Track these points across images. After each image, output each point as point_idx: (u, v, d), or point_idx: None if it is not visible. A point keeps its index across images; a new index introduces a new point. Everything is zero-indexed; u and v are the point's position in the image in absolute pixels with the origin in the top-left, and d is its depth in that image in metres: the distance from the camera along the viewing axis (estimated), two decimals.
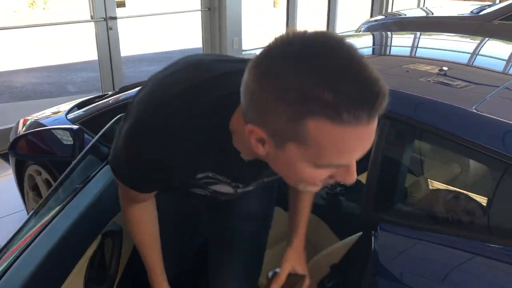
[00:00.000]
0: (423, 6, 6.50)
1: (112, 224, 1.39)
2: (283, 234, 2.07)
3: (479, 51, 2.09)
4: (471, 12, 4.16)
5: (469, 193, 1.22)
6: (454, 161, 1.24)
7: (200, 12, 4.75)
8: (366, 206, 1.21)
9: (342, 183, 0.74)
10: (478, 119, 1.14)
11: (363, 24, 4.97)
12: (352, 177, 0.72)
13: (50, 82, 6.42)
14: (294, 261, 1.14)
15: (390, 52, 2.09)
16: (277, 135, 0.68)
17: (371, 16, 6.76)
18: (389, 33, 2.87)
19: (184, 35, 7.31)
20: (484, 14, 3.96)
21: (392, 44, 2.24)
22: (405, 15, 4.83)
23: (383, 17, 5.08)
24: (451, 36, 2.35)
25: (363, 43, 2.30)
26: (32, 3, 13.33)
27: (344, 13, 8.99)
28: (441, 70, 1.48)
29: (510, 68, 1.75)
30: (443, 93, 1.33)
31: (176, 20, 9.80)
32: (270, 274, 1.14)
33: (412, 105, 1.23)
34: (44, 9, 13.44)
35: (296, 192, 1.17)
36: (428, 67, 1.72)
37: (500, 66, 1.76)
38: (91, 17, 3.88)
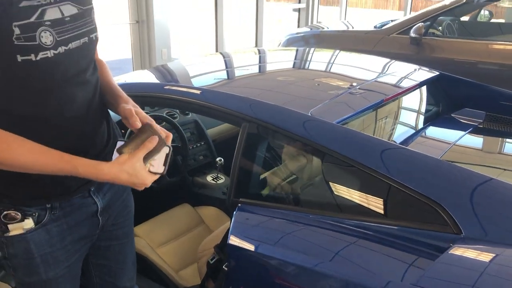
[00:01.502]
0: (344, 19, 7.03)
1: None
2: (191, 227, 2.35)
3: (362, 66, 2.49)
4: (375, 26, 4.64)
5: (307, 179, 1.57)
6: (300, 154, 1.57)
7: (129, 25, 4.96)
8: (230, 193, 1.51)
9: None
10: (309, 121, 1.49)
11: (286, 36, 5.34)
12: None
13: None
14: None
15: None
16: None
17: (298, 27, 7.21)
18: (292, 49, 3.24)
19: (113, 47, 7.43)
20: (384, 29, 4.45)
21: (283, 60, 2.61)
22: (327, 28, 5.25)
23: (307, 29, 5.48)
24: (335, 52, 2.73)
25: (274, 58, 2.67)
26: None
27: (276, 25, 9.42)
28: (318, 83, 1.84)
29: (364, 78, 2.13)
30: (294, 101, 1.68)
31: (104, 33, 9.82)
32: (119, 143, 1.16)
33: (265, 111, 1.56)
34: None
35: (102, 70, 1.31)
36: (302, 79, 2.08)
37: (359, 76, 2.14)
38: None
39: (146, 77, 2.26)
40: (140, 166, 1.10)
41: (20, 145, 1.04)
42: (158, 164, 1.14)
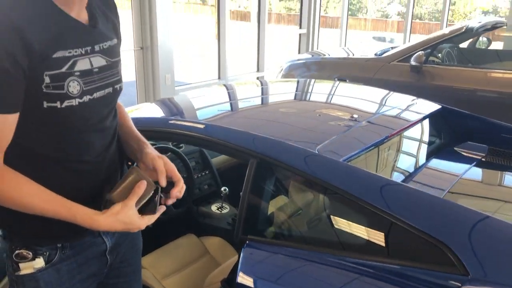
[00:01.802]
0: (345, 46, 7.13)
1: None
2: (196, 257, 2.36)
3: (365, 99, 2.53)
4: (375, 54, 4.72)
5: (314, 216, 1.59)
6: (306, 191, 1.60)
7: (133, 51, 5.03)
8: (238, 230, 1.53)
9: None
10: (316, 158, 1.52)
11: (286, 62, 5.42)
12: None
13: None
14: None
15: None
16: None
17: (299, 53, 7.31)
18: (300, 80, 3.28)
19: None
20: (385, 57, 4.52)
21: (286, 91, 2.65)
22: (329, 55, 5.32)
23: (309, 56, 5.55)
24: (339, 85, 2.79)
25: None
26: None
27: (276, 48, 9.53)
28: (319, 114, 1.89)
29: (369, 112, 2.17)
30: (299, 134, 1.72)
31: None
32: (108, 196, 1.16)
33: (272, 147, 1.59)
34: None
35: (122, 114, 1.35)
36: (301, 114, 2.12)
37: (363, 108, 2.18)
38: None
39: (152, 110, 2.30)
40: (133, 213, 1.13)
41: (28, 186, 1.07)
42: (149, 206, 1.18)
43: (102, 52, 1.14)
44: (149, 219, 1.17)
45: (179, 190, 1.22)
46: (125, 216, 1.11)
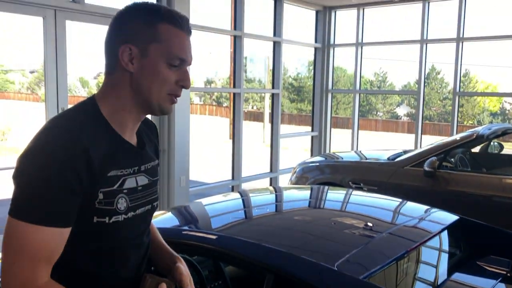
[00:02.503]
0: (357, 149, 7.24)
1: None
2: None
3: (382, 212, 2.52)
4: (388, 158, 4.78)
5: None
6: None
7: None
8: None
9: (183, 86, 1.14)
10: (336, 275, 1.48)
11: (299, 164, 5.50)
12: (189, 81, 1.15)
13: None
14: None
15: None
16: (140, 41, 1.09)
17: (312, 155, 7.43)
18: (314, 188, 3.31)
19: None
20: (398, 161, 4.57)
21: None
22: (342, 158, 5.40)
23: (322, 158, 5.64)
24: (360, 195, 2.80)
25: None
26: None
27: (288, 147, 9.73)
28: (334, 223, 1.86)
29: (385, 227, 2.15)
30: (317, 247, 1.69)
31: None
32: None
33: (289, 262, 1.56)
34: None
35: (153, 230, 1.39)
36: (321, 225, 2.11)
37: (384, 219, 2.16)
38: None
39: (168, 219, 2.31)
40: None
41: None
42: None
43: (146, 171, 1.22)
44: None
45: None
46: None
